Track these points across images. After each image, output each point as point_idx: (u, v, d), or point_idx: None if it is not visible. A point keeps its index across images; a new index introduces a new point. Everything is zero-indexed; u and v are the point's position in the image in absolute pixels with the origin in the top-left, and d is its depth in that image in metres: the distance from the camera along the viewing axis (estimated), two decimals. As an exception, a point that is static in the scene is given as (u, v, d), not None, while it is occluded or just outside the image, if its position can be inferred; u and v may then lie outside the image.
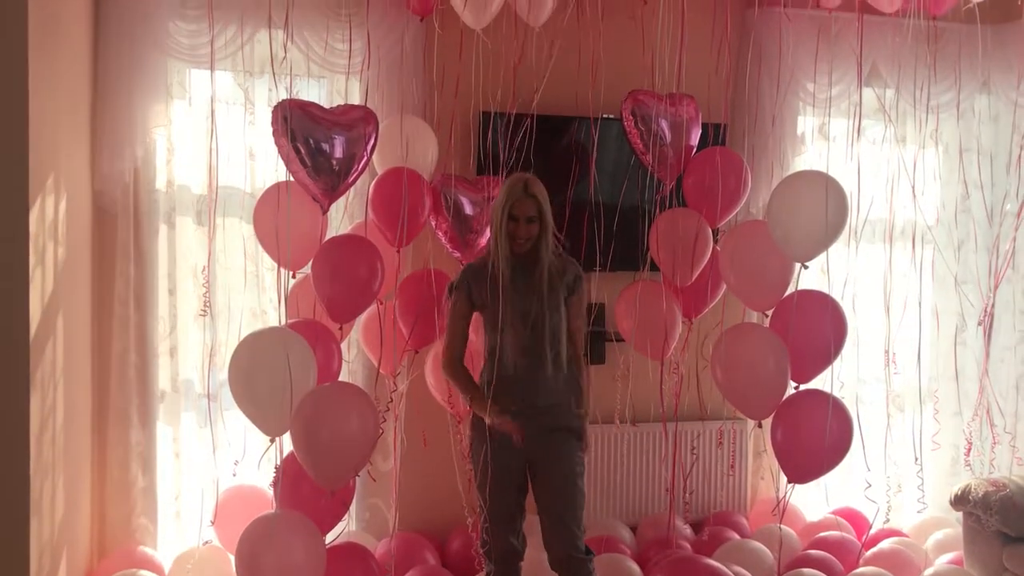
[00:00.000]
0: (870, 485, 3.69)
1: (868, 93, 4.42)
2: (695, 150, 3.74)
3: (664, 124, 3.62)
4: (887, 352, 3.81)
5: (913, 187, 3.77)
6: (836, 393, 3.25)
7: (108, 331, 3.76)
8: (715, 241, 3.71)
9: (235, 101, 3.90)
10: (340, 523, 3.24)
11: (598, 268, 3.78)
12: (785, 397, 3.27)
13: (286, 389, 2.80)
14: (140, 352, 3.79)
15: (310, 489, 3.02)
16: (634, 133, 3.61)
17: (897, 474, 4.27)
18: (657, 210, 3.65)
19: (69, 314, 3.35)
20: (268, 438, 2.96)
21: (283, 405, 2.84)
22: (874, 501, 3.71)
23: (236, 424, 3.77)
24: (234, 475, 3.61)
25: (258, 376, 2.88)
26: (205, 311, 3.59)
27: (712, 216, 3.60)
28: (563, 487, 3.09)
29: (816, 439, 3.17)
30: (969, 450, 4.14)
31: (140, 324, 3.78)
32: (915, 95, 4.14)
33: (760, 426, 3.38)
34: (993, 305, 3.97)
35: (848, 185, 3.31)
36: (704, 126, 3.86)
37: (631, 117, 3.62)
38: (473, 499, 3.31)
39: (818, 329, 3.22)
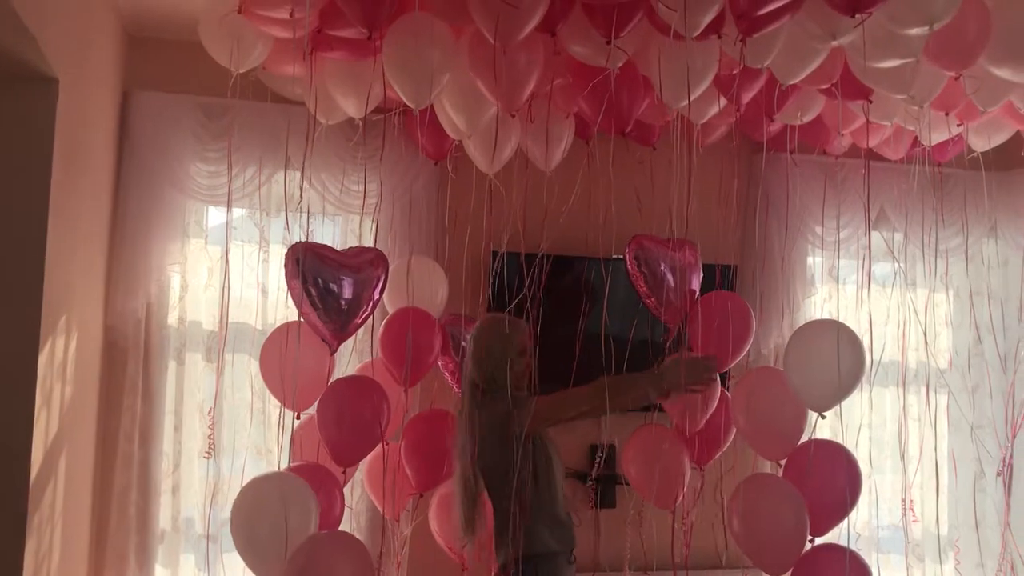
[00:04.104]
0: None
1: (876, 237, 4.45)
2: (698, 294, 3.74)
3: (668, 269, 3.64)
4: (904, 500, 3.72)
5: (924, 332, 3.75)
6: (853, 543, 3.16)
7: (111, 467, 3.71)
8: (723, 386, 3.66)
9: (250, 239, 3.96)
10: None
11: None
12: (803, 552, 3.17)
13: (289, 536, 2.73)
14: (142, 490, 3.73)
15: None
16: (638, 277, 3.63)
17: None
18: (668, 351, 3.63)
19: (72, 453, 3.32)
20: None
21: (283, 553, 2.77)
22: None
23: (236, 567, 3.68)
24: (231, 622, 3.49)
25: (259, 522, 2.82)
26: (209, 454, 3.55)
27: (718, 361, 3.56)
28: None
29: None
30: (994, 609, 3.98)
31: (144, 461, 3.74)
32: (923, 239, 4.18)
33: (778, 582, 3.27)
34: (1011, 455, 3.88)
35: (859, 329, 3.30)
36: (715, 268, 3.88)
37: (635, 261, 3.65)
38: None
39: (833, 481, 3.15)
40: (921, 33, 2.69)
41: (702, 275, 3.69)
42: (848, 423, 3.86)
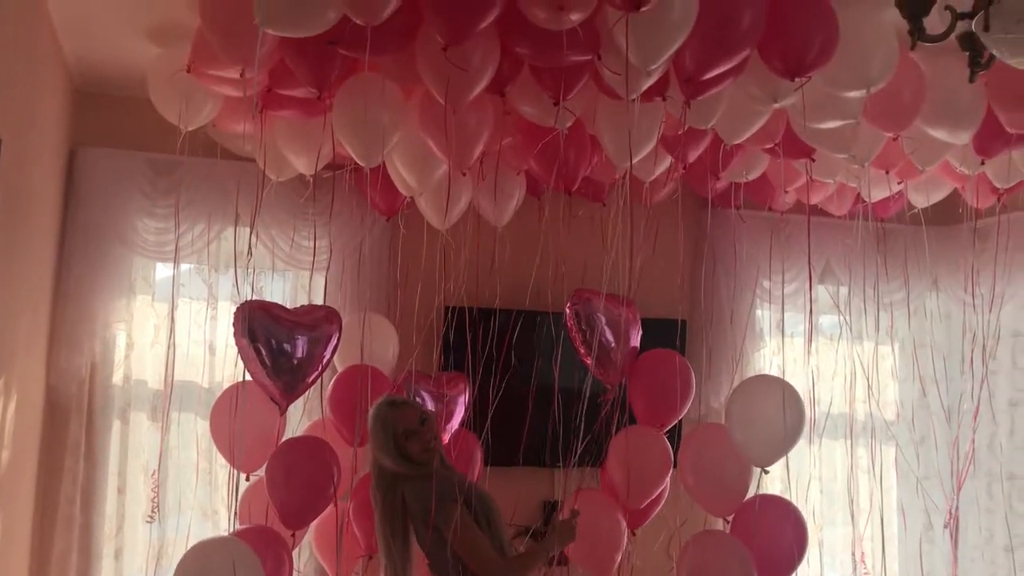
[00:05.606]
0: None
1: (822, 291, 4.53)
2: (639, 351, 3.77)
3: (607, 326, 3.66)
4: (854, 553, 3.75)
5: (869, 384, 3.81)
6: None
7: (51, 531, 3.60)
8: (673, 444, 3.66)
9: (198, 296, 3.91)
10: None
11: (562, 464, 3.71)
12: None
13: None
14: (83, 553, 3.62)
15: None
16: (576, 337, 3.65)
17: None
18: (617, 413, 3.61)
19: (9, 518, 3.21)
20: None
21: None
22: None
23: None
24: None
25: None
26: (152, 517, 3.47)
27: (658, 420, 3.57)
28: None
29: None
30: (944, 661, 4.00)
31: (85, 524, 3.63)
32: (866, 293, 4.25)
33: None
34: (957, 508, 3.93)
35: (806, 381, 3.34)
36: (664, 322, 3.90)
37: (575, 318, 3.67)
38: None
39: (780, 536, 3.17)
40: (859, 96, 2.78)
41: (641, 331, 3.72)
42: (798, 476, 3.89)
